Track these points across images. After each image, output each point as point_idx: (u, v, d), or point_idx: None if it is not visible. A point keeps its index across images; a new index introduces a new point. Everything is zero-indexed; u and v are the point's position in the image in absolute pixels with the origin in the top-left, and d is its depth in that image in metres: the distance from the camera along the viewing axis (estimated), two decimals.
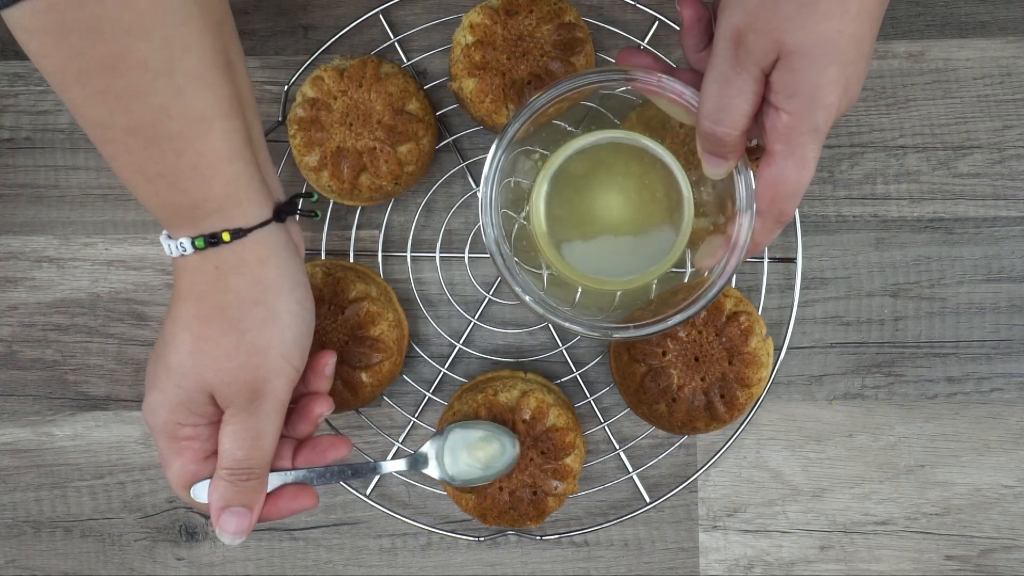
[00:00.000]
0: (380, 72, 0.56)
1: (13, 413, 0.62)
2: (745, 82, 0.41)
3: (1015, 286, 0.60)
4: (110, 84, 0.39)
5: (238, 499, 0.46)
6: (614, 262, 0.51)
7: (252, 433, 0.46)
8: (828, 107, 0.41)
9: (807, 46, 0.39)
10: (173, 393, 0.45)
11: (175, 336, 0.45)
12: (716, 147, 0.44)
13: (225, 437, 0.46)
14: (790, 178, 0.43)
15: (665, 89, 0.45)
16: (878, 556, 0.60)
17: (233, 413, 0.45)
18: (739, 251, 0.46)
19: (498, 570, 0.61)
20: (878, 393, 0.61)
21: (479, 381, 0.58)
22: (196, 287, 0.45)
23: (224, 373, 0.45)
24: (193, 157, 0.42)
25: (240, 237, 0.44)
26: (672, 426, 0.56)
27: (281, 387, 0.46)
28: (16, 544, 0.62)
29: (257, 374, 0.45)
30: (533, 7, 0.56)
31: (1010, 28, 0.61)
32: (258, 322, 0.45)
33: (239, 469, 0.46)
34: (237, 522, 0.46)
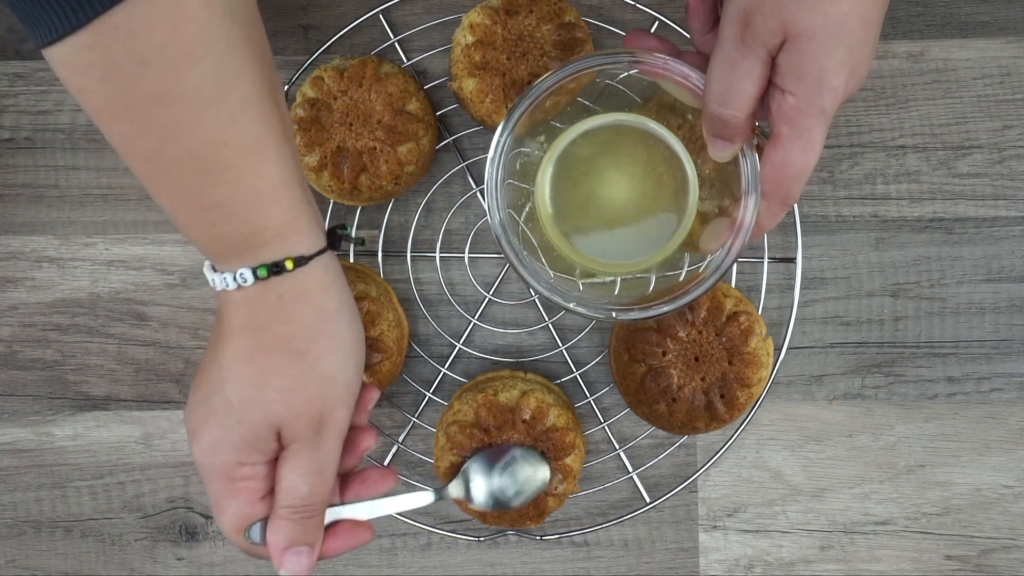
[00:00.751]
0: (380, 72, 0.56)
1: (13, 413, 0.62)
2: (752, 64, 0.41)
3: (1015, 286, 0.60)
4: (159, 116, 0.38)
5: (302, 538, 0.45)
6: (619, 244, 0.51)
7: (316, 467, 0.44)
8: (835, 89, 0.41)
9: (814, 28, 0.39)
10: (237, 431, 0.43)
11: (234, 371, 0.43)
12: (722, 130, 0.44)
13: (289, 473, 0.44)
14: (796, 161, 0.42)
15: (671, 71, 0.45)
16: (878, 556, 0.60)
17: (299, 447, 0.44)
18: (744, 233, 0.45)
19: (498, 570, 0.61)
20: (878, 393, 0.61)
21: (479, 381, 0.58)
22: (257, 319, 0.43)
23: (293, 405, 0.43)
24: (250, 184, 0.41)
25: (302, 265, 0.43)
26: (672, 426, 0.56)
27: (343, 417, 0.45)
28: (16, 544, 0.62)
29: (324, 404, 0.44)
30: (533, 7, 0.56)
31: (1010, 28, 0.61)
32: (324, 351, 0.44)
33: (304, 506, 0.44)
34: (302, 562, 0.45)
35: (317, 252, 0.44)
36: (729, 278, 0.60)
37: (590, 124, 0.50)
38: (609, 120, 0.50)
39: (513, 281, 0.62)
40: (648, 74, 0.47)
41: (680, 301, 0.47)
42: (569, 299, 0.47)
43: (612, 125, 0.50)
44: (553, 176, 0.50)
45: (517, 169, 0.51)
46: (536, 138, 0.51)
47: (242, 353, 0.43)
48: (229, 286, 0.43)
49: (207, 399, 0.44)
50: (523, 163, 0.51)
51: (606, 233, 0.51)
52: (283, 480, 0.44)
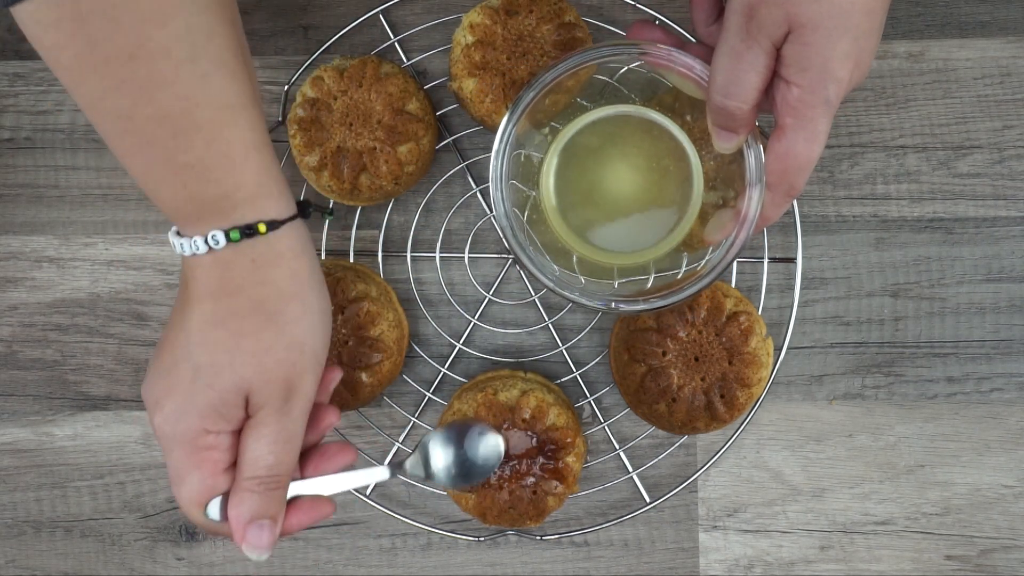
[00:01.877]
0: (380, 72, 0.56)
1: (13, 413, 0.62)
2: (756, 55, 0.41)
3: (1015, 286, 0.60)
4: (131, 73, 0.38)
5: (264, 510, 0.43)
6: (624, 235, 0.51)
7: (283, 436, 0.43)
8: (839, 80, 0.41)
9: (819, 18, 0.39)
10: (204, 396, 0.42)
11: (205, 335, 0.42)
12: (726, 121, 0.44)
13: (255, 442, 0.43)
14: (800, 152, 0.42)
15: (675, 63, 0.45)
16: (878, 556, 0.60)
17: (266, 414, 0.43)
18: (748, 224, 0.45)
19: (498, 570, 0.61)
20: (878, 393, 0.61)
21: (479, 381, 0.58)
22: (228, 283, 0.42)
23: (264, 369, 0.42)
24: (223, 145, 0.41)
25: (275, 229, 0.42)
26: (672, 426, 0.56)
27: (311, 386, 0.44)
28: (16, 544, 0.62)
29: (293, 370, 0.43)
30: (533, 7, 0.56)
31: (1010, 28, 0.61)
32: (295, 316, 0.43)
33: (269, 476, 0.43)
34: (264, 536, 0.43)
35: (289, 217, 0.43)
36: (729, 278, 0.60)
37: (596, 115, 0.50)
38: (614, 111, 0.50)
39: (513, 281, 0.62)
40: (653, 65, 0.47)
41: (686, 292, 0.47)
42: (573, 291, 0.47)
43: (617, 116, 0.50)
44: (558, 167, 0.50)
45: (519, 171, 0.51)
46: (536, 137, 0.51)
47: (212, 317, 0.43)
48: (199, 250, 0.42)
49: (171, 368, 0.43)
50: (524, 164, 0.51)
51: (611, 223, 0.51)
52: (248, 450, 0.43)
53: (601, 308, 0.47)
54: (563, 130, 0.51)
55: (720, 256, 0.46)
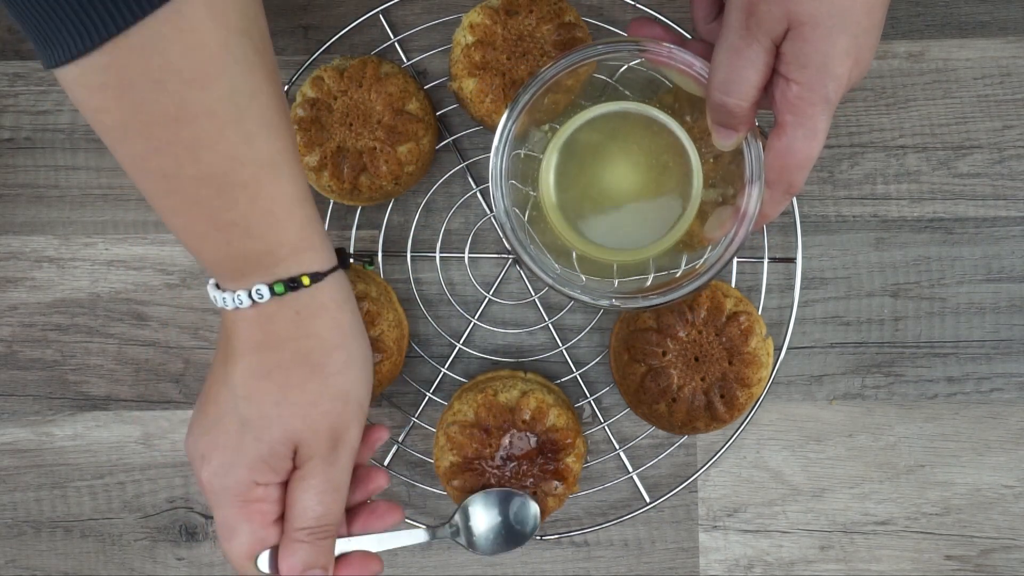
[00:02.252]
0: (380, 72, 0.56)
1: (13, 413, 0.62)
2: (756, 52, 0.41)
3: (1015, 286, 0.60)
4: (175, 135, 0.38)
5: (316, 560, 0.44)
6: (624, 231, 0.51)
7: (331, 486, 0.44)
8: (839, 78, 0.41)
9: (819, 15, 0.39)
10: (254, 449, 0.43)
11: (250, 387, 0.43)
12: (726, 118, 0.44)
13: (304, 493, 0.43)
14: (800, 149, 0.42)
15: (675, 60, 0.45)
16: (878, 556, 0.60)
17: (314, 466, 0.43)
18: (747, 222, 0.45)
19: (498, 570, 0.61)
20: (878, 393, 0.61)
21: (479, 381, 0.58)
22: (272, 336, 0.43)
23: (311, 420, 0.43)
24: (267, 202, 0.41)
25: (318, 281, 0.43)
26: (672, 426, 0.56)
27: (356, 436, 0.45)
28: (16, 544, 0.62)
29: (339, 420, 0.43)
30: (533, 7, 0.56)
31: (1010, 28, 0.61)
32: (340, 367, 0.44)
33: (319, 527, 0.44)
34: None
35: (331, 269, 0.44)
36: (729, 278, 0.60)
37: (595, 112, 0.50)
38: (614, 108, 0.50)
39: (513, 281, 0.62)
40: (653, 62, 0.47)
41: (685, 289, 0.47)
42: (573, 288, 0.47)
43: (617, 113, 0.50)
44: (557, 164, 0.50)
45: (520, 170, 0.50)
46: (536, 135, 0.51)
47: (257, 369, 0.43)
48: (243, 304, 0.42)
49: (216, 422, 0.44)
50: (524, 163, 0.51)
51: (610, 221, 0.51)
52: (297, 501, 0.44)
53: (601, 305, 0.47)
54: (562, 127, 0.50)
55: (719, 254, 0.46)
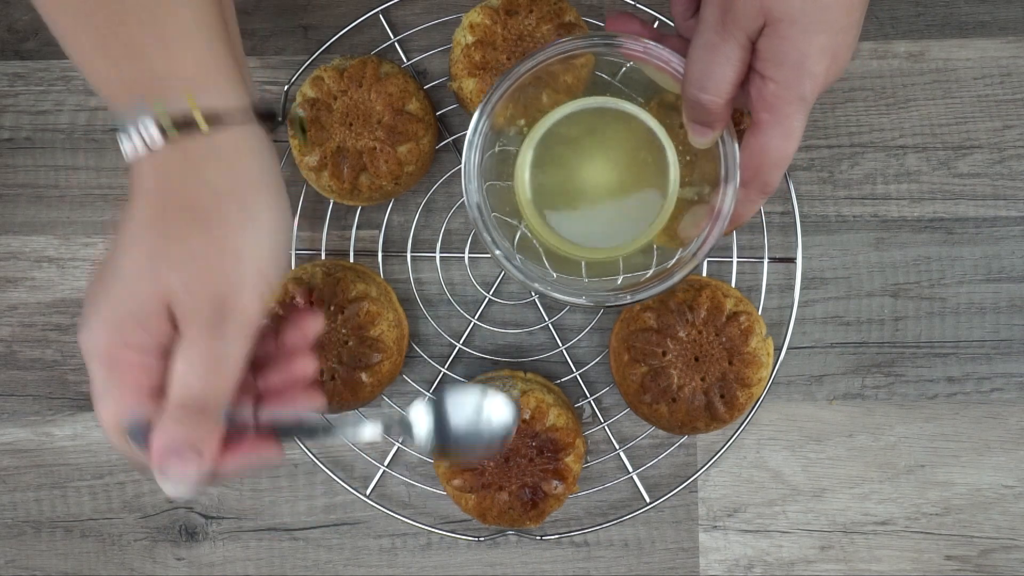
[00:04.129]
0: (380, 72, 0.56)
1: (13, 413, 0.62)
2: (732, 49, 0.40)
3: (1015, 286, 0.60)
4: None
5: (187, 439, 0.38)
6: (599, 230, 0.50)
7: (213, 359, 0.38)
8: (815, 76, 0.40)
9: (795, 12, 0.39)
10: (122, 303, 0.38)
11: (133, 238, 0.38)
12: (701, 115, 0.43)
13: (182, 363, 0.38)
14: (776, 148, 0.42)
15: (652, 56, 0.45)
16: (878, 556, 0.60)
17: (195, 333, 0.38)
18: (721, 221, 0.45)
19: (498, 570, 0.61)
20: (878, 393, 0.61)
21: (479, 381, 0.58)
22: (161, 182, 0.38)
23: (189, 277, 0.37)
24: (159, 27, 0.37)
25: (215, 123, 0.38)
26: (672, 426, 0.56)
27: (251, 304, 0.38)
28: (16, 544, 0.62)
29: (226, 283, 0.38)
30: (533, 7, 0.56)
31: (1010, 28, 0.61)
32: (232, 221, 0.38)
33: (192, 401, 0.38)
34: (186, 469, 0.38)
35: (237, 112, 0.39)
36: (729, 278, 0.60)
37: (572, 108, 0.50)
38: (591, 104, 0.50)
39: (513, 281, 0.62)
40: (629, 58, 0.46)
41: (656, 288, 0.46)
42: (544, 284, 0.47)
43: (594, 109, 0.50)
44: (533, 159, 0.50)
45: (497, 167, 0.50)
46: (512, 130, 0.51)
47: (142, 219, 0.38)
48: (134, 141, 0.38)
49: (100, 278, 0.39)
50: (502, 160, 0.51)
51: (585, 217, 0.50)
52: (173, 372, 0.38)
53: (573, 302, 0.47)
54: (538, 123, 0.50)
55: (691, 252, 0.46)
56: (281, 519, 0.61)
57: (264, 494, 0.61)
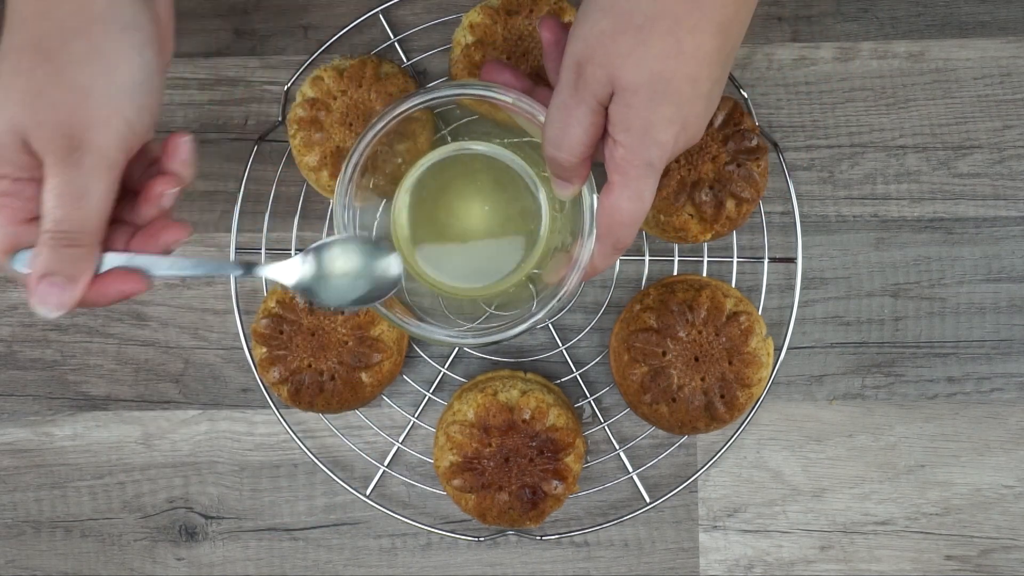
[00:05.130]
0: (380, 72, 0.56)
1: (13, 413, 0.62)
2: (584, 112, 0.42)
3: (1015, 286, 0.60)
4: None
5: (60, 267, 0.40)
6: (472, 270, 0.53)
7: (72, 190, 0.40)
8: (662, 144, 0.41)
9: (638, 83, 0.40)
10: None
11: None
12: (559, 171, 0.45)
13: (46, 193, 0.40)
14: (625, 208, 0.43)
15: (519, 108, 0.47)
16: (878, 556, 0.60)
17: (51, 164, 0.40)
18: (578, 270, 0.47)
19: (498, 570, 0.61)
20: (878, 393, 0.61)
21: (479, 381, 0.58)
22: (14, 15, 0.40)
23: (36, 112, 0.39)
24: None
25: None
26: (672, 426, 0.56)
27: (107, 140, 0.40)
28: (16, 544, 0.62)
29: (74, 117, 0.39)
30: (533, 7, 0.56)
31: (1010, 28, 0.61)
32: (78, 57, 0.39)
33: (60, 232, 0.40)
34: (55, 294, 0.40)
35: None
36: (729, 278, 0.60)
37: (446, 152, 0.53)
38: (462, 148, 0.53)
39: None
40: (499, 108, 0.48)
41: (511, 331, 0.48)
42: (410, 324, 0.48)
43: (469, 154, 0.53)
44: (410, 204, 0.53)
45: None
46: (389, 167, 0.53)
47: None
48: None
49: None
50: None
51: (459, 257, 0.53)
52: (44, 202, 0.40)
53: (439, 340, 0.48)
54: (413, 167, 0.53)
55: (548, 300, 0.48)
56: (281, 519, 0.61)
57: (264, 494, 0.61)
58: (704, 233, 0.56)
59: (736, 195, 0.55)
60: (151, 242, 0.43)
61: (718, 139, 0.55)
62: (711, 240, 0.57)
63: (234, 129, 0.62)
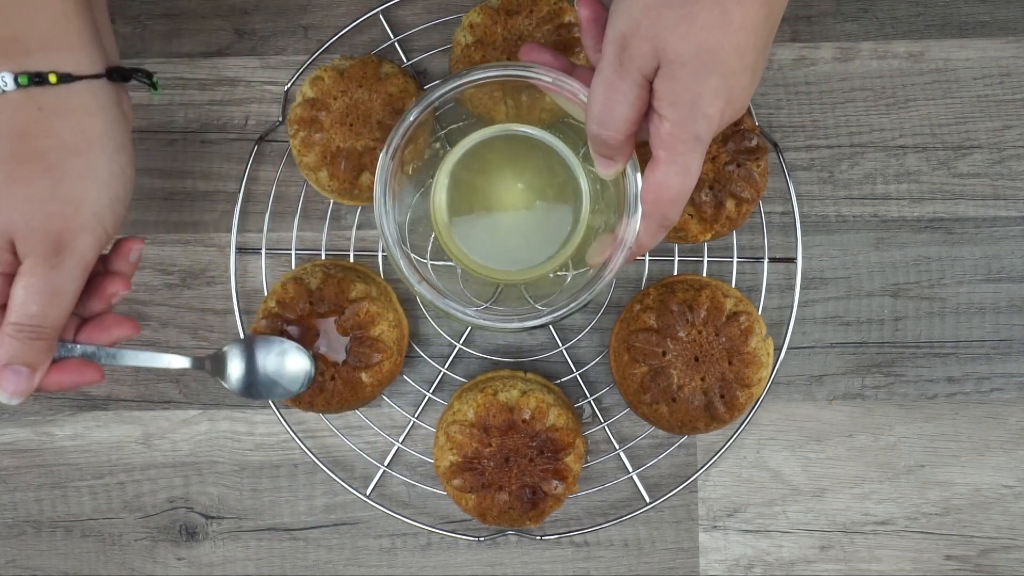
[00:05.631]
0: (380, 72, 0.56)
1: (13, 413, 0.62)
2: (629, 87, 0.41)
3: (1015, 286, 0.60)
4: None
5: (23, 357, 0.43)
6: (513, 253, 0.52)
7: (49, 288, 0.43)
8: (709, 117, 0.41)
9: (686, 55, 0.40)
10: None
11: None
12: (603, 149, 0.45)
13: (20, 288, 0.43)
14: (672, 184, 0.43)
15: (560, 88, 0.46)
16: (878, 556, 0.60)
17: (33, 264, 0.43)
18: (622, 250, 0.46)
19: (498, 570, 0.61)
20: (878, 393, 0.61)
21: (479, 381, 0.58)
22: (13, 127, 0.43)
23: (31, 218, 0.42)
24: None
25: (68, 82, 0.43)
26: (672, 426, 0.56)
27: (87, 246, 0.44)
28: (16, 544, 0.62)
29: (65, 225, 0.43)
30: (533, 7, 0.56)
31: (1010, 28, 0.61)
32: (76, 174, 0.43)
33: (29, 326, 0.43)
34: (18, 381, 0.44)
35: (89, 75, 0.43)
36: (729, 278, 0.60)
37: (487, 134, 0.52)
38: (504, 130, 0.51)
39: None
40: (541, 88, 0.47)
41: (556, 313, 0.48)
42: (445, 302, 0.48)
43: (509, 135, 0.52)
44: (450, 185, 0.52)
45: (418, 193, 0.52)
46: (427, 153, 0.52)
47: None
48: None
49: None
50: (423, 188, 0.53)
51: (499, 240, 0.53)
52: (14, 296, 0.43)
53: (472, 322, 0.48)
54: (453, 148, 0.52)
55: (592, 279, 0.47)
56: (281, 519, 0.61)
57: (264, 494, 0.61)
58: (704, 233, 0.56)
59: (736, 195, 0.55)
60: (104, 334, 0.47)
61: (718, 139, 0.55)
62: (711, 240, 0.57)
63: (234, 129, 0.62)
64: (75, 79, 0.43)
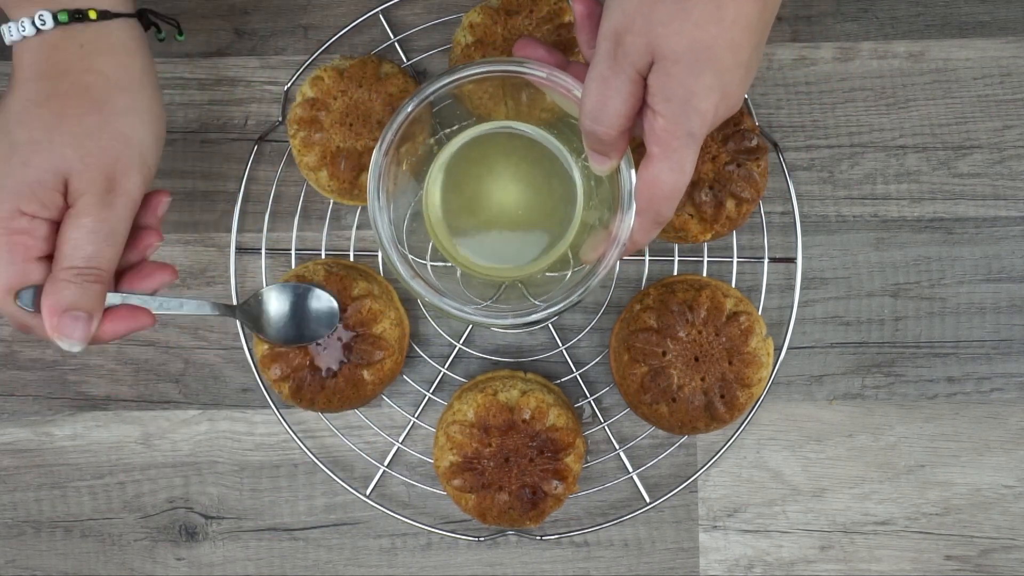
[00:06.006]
0: (380, 72, 0.56)
1: (13, 413, 0.62)
2: (622, 83, 0.41)
3: (1015, 286, 0.60)
4: None
5: (82, 302, 0.42)
6: (506, 250, 0.52)
7: (105, 228, 0.42)
8: (703, 113, 0.41)
9: (680, 51, 0.39)
10: (20, 173, 0.41)
11: (26, 113, 0.41)
12: (596, 145, 0.44)
13: (76, 230, 0.42)
14: (666, 181, 0.43)
15: (555, 83, 0.46)
16: (878, 556, 0.60)
17: (88, 203, 0.42)
18: (617, 247, 0.46)
19: (498, 570, 0.61)
20: (878, 393, 0.61)
21: (479, 381, 0.58)
22: (55, 66, 0.42)
23: (84, 153, 0.41)
24: None
25: (107, 19, 0.43)
26: (672, 426, 0.56)
27: (136, 185, 0.43)
28: (16, 544, 0.62)
29: (117, 163, 0.42)
30: (533, 7, 0.56)
31: (1010, 28, 0.61)
32: (123, 109, 0.43)
33: (88, 268, 0.42)
34: (79, 328, 0.42)
35: (126, 13, 0.44)
36: (729, 278, 0.60)
37: (479, 130, 0.51)
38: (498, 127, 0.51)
39: None
40: (534, 84, 0.47)
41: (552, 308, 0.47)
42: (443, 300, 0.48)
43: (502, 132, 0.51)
44: (443, 182, 0.52)
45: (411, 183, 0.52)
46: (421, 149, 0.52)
47: (35, 96, 0.42)
48: (26, 31, 0.42)
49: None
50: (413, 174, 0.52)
51: (493, 238, 0.52)
52: (68, 240, 0.42)
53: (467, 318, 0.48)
54: (446, 145, 0.52)
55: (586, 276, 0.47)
56: (281, 519, 0.61)
57: (264, 494, 0.61)
58: (704, 233, 0.56)
59: (736, 195, 0.55)
60: (145, 282, 0.46)
61: (718, 139, 0.55)
62: (711, 240, 0.57)
63: (234, 129, 0.62)
64: (113, 16, 0.43)
